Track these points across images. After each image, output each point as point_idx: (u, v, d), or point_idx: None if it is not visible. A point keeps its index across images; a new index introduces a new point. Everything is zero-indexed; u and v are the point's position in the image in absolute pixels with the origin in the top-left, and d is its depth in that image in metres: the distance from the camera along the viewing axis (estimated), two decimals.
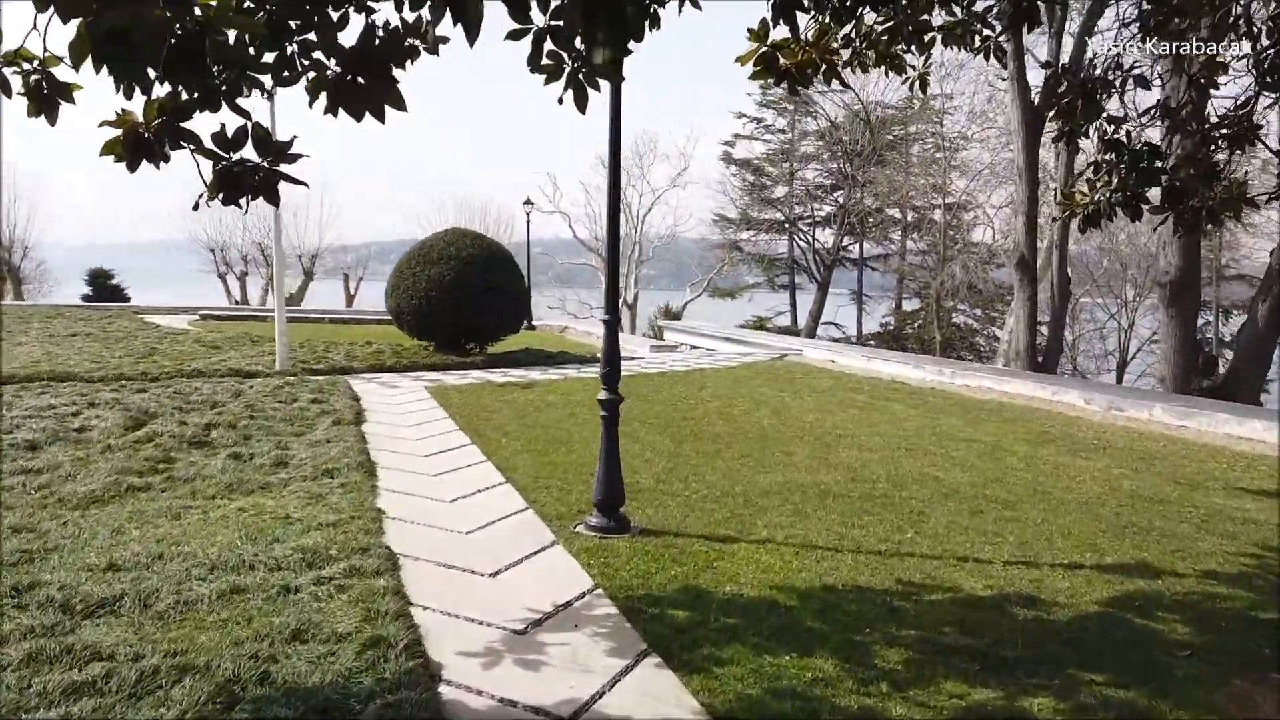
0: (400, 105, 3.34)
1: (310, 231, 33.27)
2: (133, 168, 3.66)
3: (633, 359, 17.00)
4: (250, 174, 3.85)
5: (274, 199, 3.90)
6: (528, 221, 26.04)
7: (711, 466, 8.07)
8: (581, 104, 4.29)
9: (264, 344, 16.00)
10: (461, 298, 14.64)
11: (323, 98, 3.50)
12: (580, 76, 4.28)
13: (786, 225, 41.63)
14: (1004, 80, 22.73)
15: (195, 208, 4.02)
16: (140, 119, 3.67)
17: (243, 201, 3.86)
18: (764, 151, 42.59)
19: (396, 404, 10.83)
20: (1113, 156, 6.19)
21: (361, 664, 3.68)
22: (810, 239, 39.88)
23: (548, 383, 13.14)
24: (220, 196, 3.78)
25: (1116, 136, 6.15)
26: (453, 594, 4.68)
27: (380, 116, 3.32)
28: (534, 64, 4.08)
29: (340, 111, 3.37)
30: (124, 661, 3.58)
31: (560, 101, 4.30)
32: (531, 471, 7.61)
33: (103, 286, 29.87)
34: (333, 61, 3.32)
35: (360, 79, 3.25)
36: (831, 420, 10.72)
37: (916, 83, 6.93)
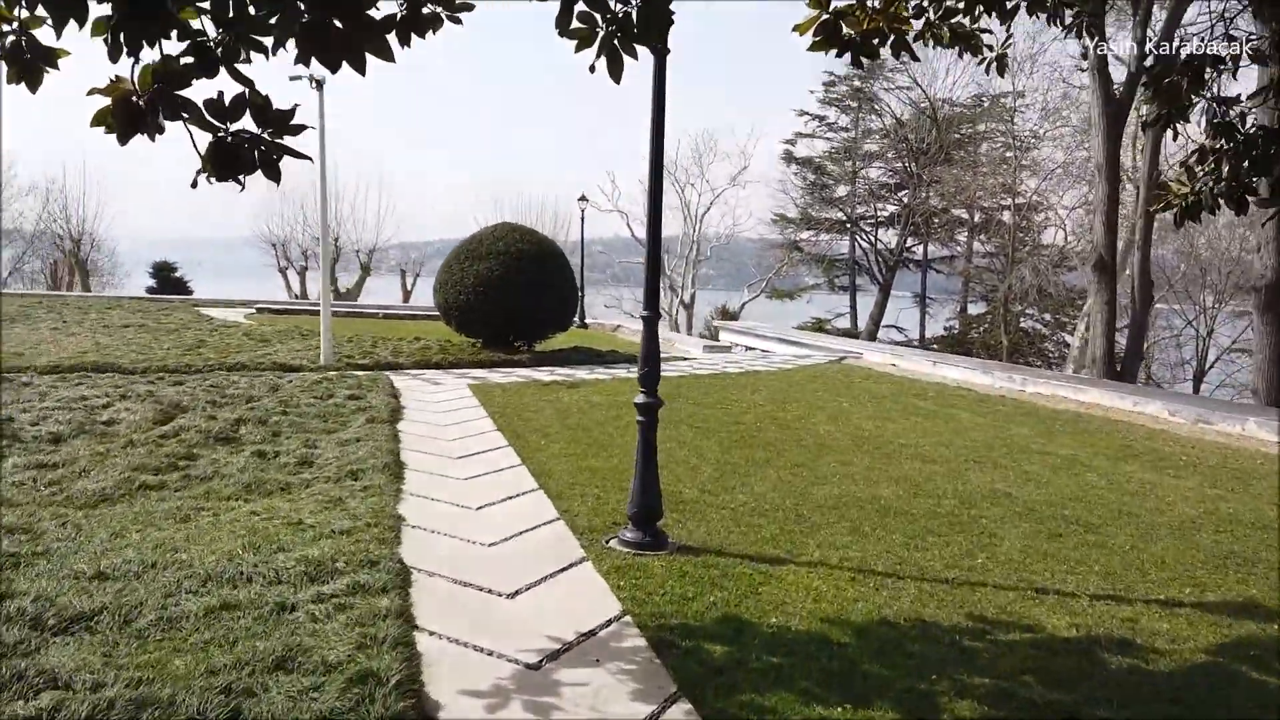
0: (387, 55, 2.86)
1: (368, 227, 33.40)
2: (124, 139, 3.25)
3: (684, 359, 16.45)
4: (249, 147, 3.41)
5: (275, 174, 3.46)
6: (582, 218, 25.66)
7: (761, 476, 7.49)
8: (616, 72, 3.81)
9: (312, 338, 15.82)
10: (509, 294, 14.25)
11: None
12: (615, 42, 3.78)
13: (848, 225, 40.61)
14: (1082, 71, 21.64)
15: (193, 185, 3.60)
16: (135, 86, 3.26)
17: (249, 179, 3.46)
18: (826, 150, 41.62)
19: (436, 402, 10.45)
20: (1223, 142, 5.46)
21: (345, 702, 3.20)
22: (873, 239, 38.80)
23: (594, 383, 12.66)
24: (215, 173, 3.37)
25: (1229, 119, 5.41)
26: (465, 617, 4.20)
27: (360, 68, 2.84)
28: (563, 27, 3.59)
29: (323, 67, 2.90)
30: (80, 691, 3.16)
31: (592, 70, 3.83)
32: (567, 477, 7.12)
33: (166, 279, 30.34)
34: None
35: (336, 22, 2.77)
36: (892, 428, 10.03)
37: (994, 64, 6.27)
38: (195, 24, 3.07)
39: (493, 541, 5.35)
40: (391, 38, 2.98)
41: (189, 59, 3.19)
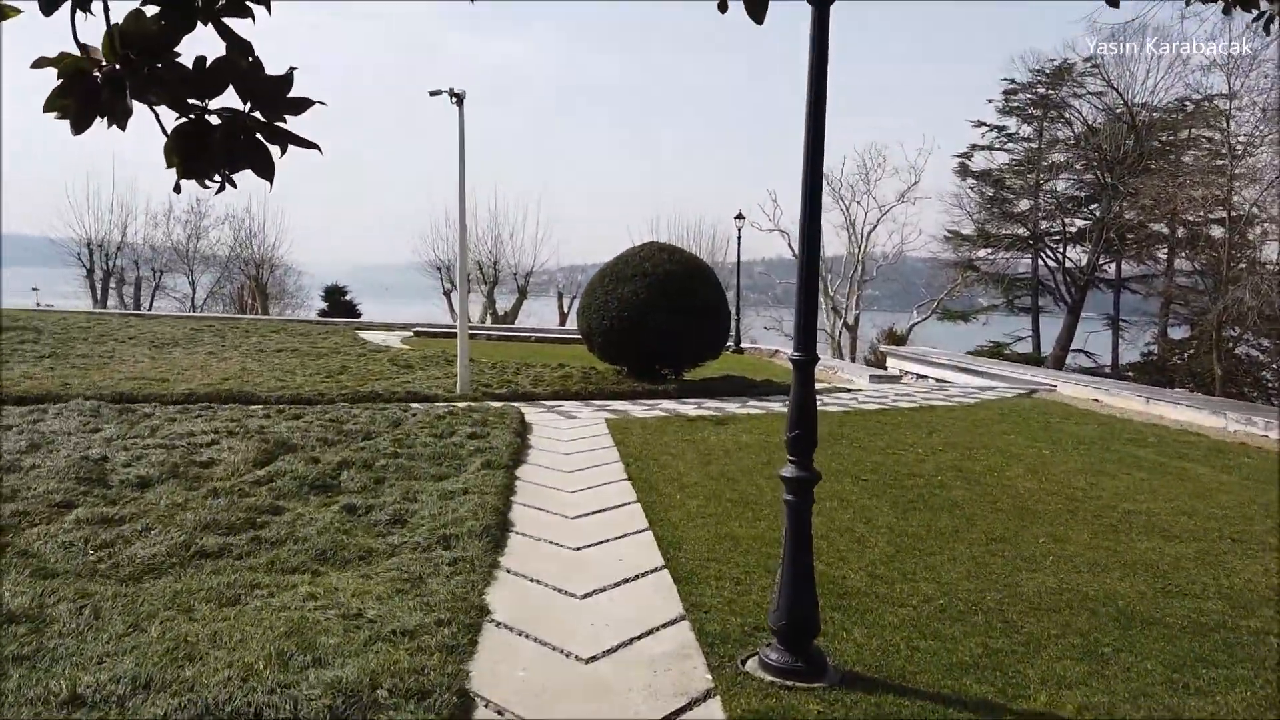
0: None
1: (525, 250, 33.27)
2: (79, 128, 2.20)
3: (848, 390, 14.73)
4: (231, 131, 2.29)
5: (267, 170, 2.33)
6: (738, 237, 24.27)
7: (949, 553, 5.87)
8: (757, 10, 2.66)
9: (456, 365, 15.19)
10: (654, 319, 13.07)
11: None
12: None
13: (1030, 242, 37.24)
14: None
15: (176, 189, 2.49)
16: (100, 57, 2.21)
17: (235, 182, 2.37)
18: (1006, 162, 38.43)
19: (567, 440, 9.34)
20: None
21: None
22: (1060, 257, 35.27)
23: (744, 419, 11.24)
24: (181, 168, 2.28)
25: None
26: None
27: None
28: None
29: None
30: None
31: (723, 8, 2.74)
32: (702, 548, 5.76)
33: (337, 302, 31.22)
34: None
35: None
36: (1111, 487, 8.09)
37: (1272, 20, 4.51)
38: None
39: (592, 656, 4.05)
40: None
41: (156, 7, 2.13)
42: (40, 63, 2.12)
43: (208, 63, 2.17)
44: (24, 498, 6.01)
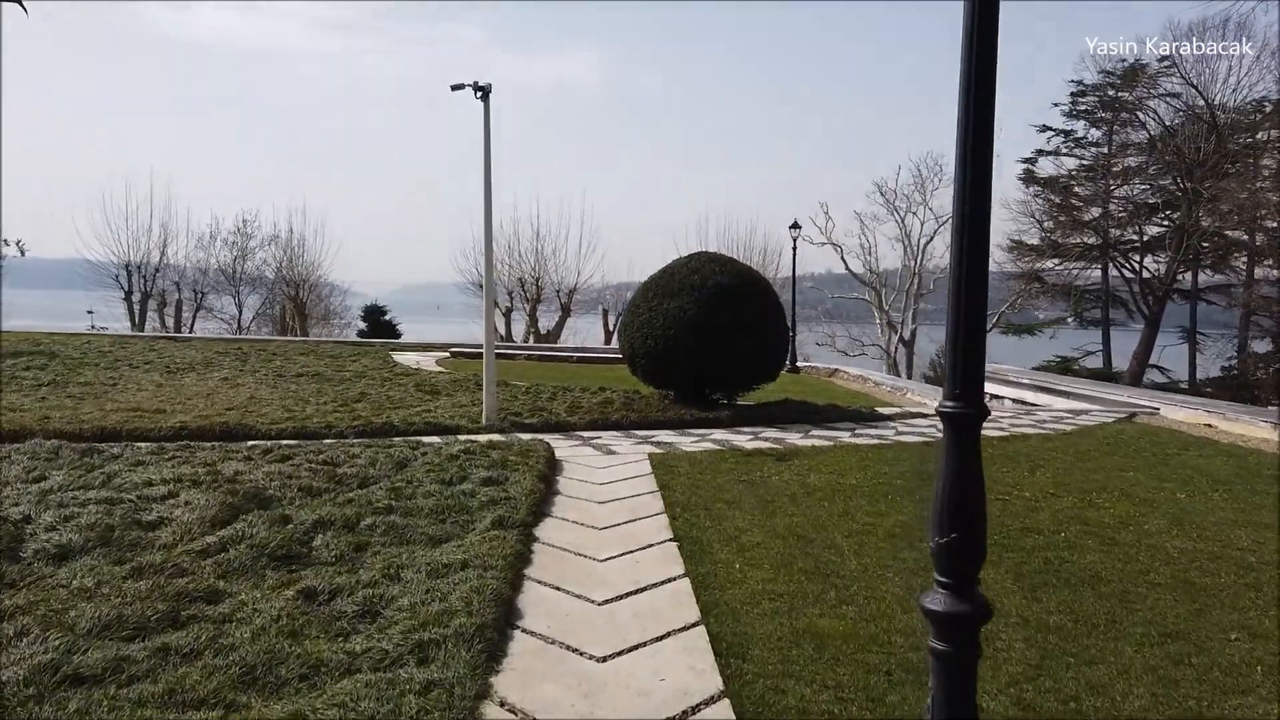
0: None
1: (569, 266, 31.90)
2: None
3: (922, 415, 12.98)
4: None
5: None
6: (794, 248, 22.55)
7: (1114, 662, 4.19)
8: None
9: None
10: (705, 337, 11.50)
11: None
12: None
13: (1101, 251, 34.88)
14: None
15: None
16: None
17: None
18: (1074, 168, 36.17)
19: (602, 483, 7.81)
20: None
21: None
22: (1137, 266, 32.82)
23: (810, 453, 9.59)
24: None
25: None
26: None
27: None
28: None
29: None
30: None
31: None
32: (774, 654, 4.17)
33: (377, 322, 30.18)
34: None
35: None
36: None
37: None
38: None
39: None
40: None
41: None
42: None
43: None
44: None
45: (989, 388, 18.68)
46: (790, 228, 22.07)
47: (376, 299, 35.41)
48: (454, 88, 10.55)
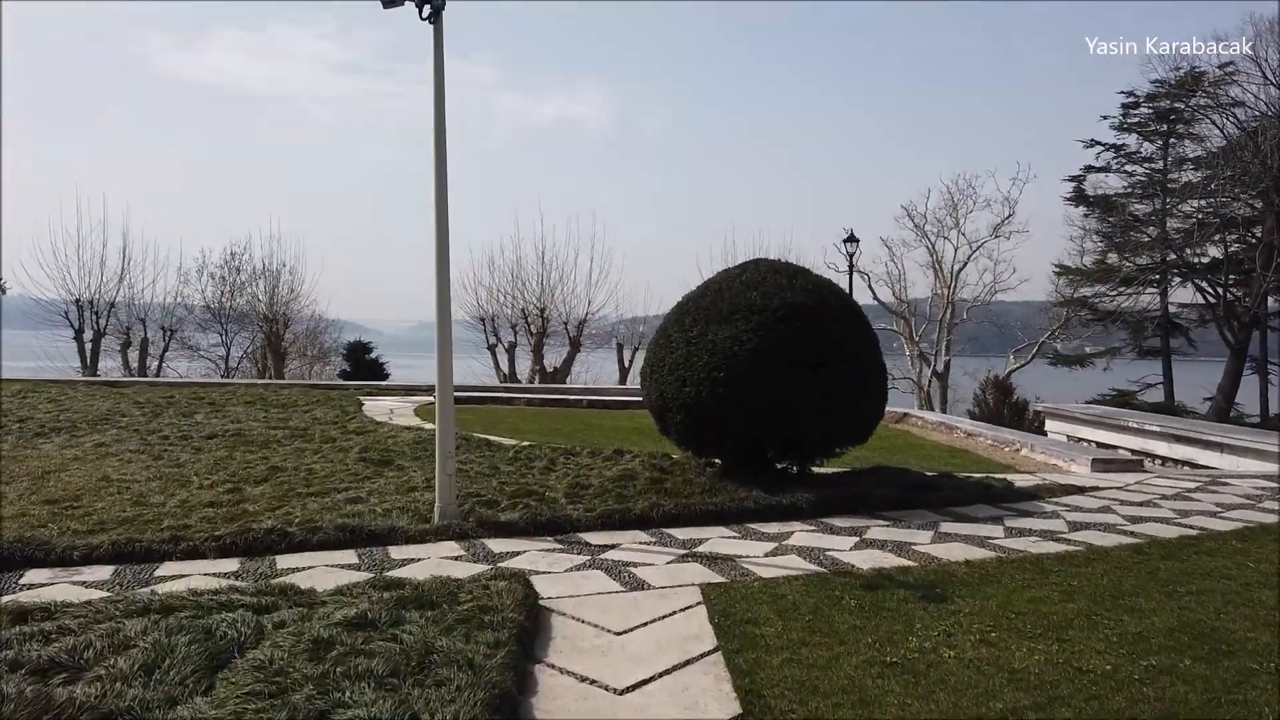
0: None
1: (578, 295, 27.94)
2: None
3: (1076, 488, 8.80)
4: None
5: None
6: (850, 266, 18.45)
7: None
8: None
9: (471, 450, 9.78)
10: (773, 380, 7.48)
11: None
12: None
13: (1161, 273, 30.77)
14: None
15: None
16: None
17: None
18: (1126, 185, 32.17)
19: (617, 663, 3.78)
20: None
21: None
22: (1220, 289, 28.45)
23: (970, 577, 5.51)
24: None
25: None
26: None
27: None
28: None
29: None
30: None
31: None
32: None
33: (360, 361, 26.35)
34: None
35: None
36: None
37: None
38: None
39: None
40: None
41: None
42: None
43: None
44: None
45: (1094, 434, 14.50)
46: (845, 241, 18.08)
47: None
48: (386, 5, 6.65)
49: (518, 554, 5.98)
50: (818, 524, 7.07)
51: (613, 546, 6.24)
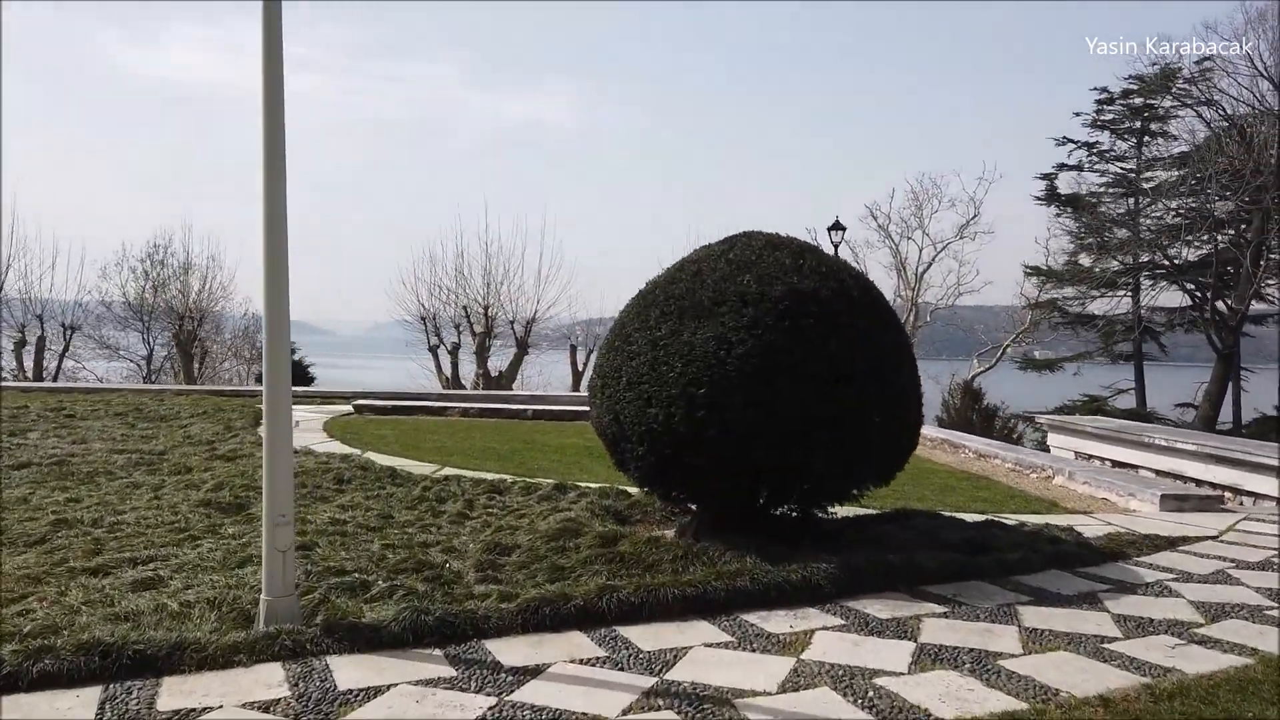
0: None
1: (525, 292, 25.37)
2: None
3: (1166, 542, 6.56)
4: None
5: None
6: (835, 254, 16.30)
7: None
8: None
9: (356, 488, 7.28)
10: (777, 400, 5.12)
11: None
12: None
13: (1133, 275, 29.20)
14: None
15: None
16: None
17: None
18: (1101, 183, 30.60)
19: None
20: None
21: None
22: (1209, 291, 26.72)
23: None
24: None
25: None
26: None
27: None
28: None
29: None
30: None
31: None
32: None
33: None
34: None
35: None
36: None
37: None
38: None
39: None
40: None
41: None
42: None
43: None
44: None
45: (1110, 452, 12.40)
46: (831, 229, 15.86)
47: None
48: None
49: (374, 696, 3.53)
50: (845, 612, 4.73)
51: (538, 672, 3.82)
